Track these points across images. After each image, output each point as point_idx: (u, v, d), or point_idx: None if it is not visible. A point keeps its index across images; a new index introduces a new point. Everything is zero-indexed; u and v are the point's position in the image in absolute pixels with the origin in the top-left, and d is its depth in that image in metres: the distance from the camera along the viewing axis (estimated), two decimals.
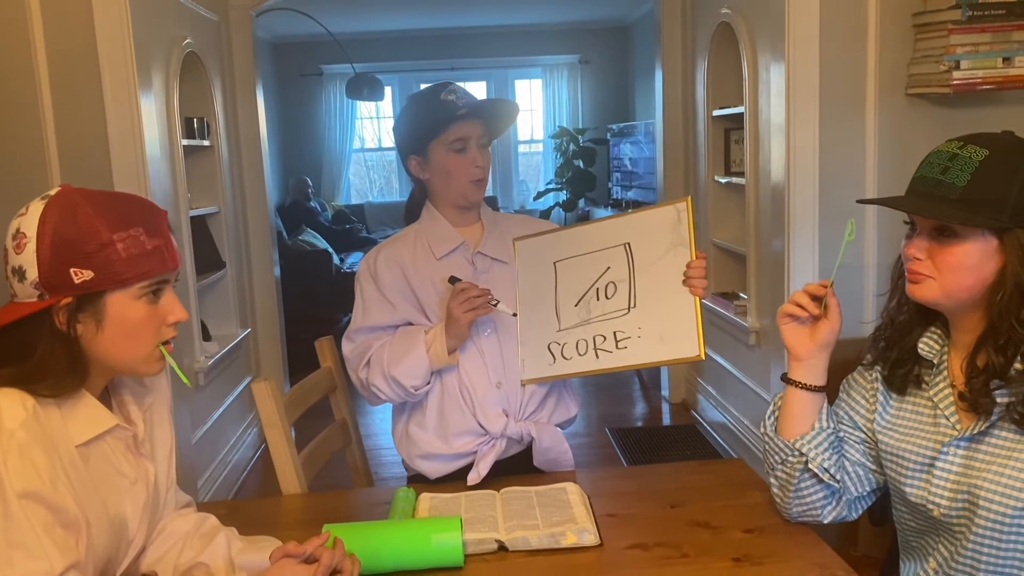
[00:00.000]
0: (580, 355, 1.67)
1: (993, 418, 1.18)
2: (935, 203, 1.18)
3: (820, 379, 1.36)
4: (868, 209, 2.80)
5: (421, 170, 1.78)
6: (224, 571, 1.25)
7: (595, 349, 1.66)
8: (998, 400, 1.17)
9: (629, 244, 1.66)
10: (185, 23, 3.40)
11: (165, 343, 1.19)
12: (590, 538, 1.35)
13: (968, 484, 1.19)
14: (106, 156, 2.70)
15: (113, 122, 2.71)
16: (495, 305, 1.65)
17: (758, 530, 1.38)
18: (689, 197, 1.65)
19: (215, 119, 3.73)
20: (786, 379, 1.38)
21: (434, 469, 1.74)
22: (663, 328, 1.59)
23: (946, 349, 1.28)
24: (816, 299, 1.33)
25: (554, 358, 1.69)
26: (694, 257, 1.58)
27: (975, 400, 1.19)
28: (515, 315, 1.71)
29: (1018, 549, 1.16)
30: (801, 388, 1.36)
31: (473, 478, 1.67)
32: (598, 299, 1.68)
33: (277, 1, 4.17)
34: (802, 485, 1.36)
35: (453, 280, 1.68)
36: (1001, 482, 1.16)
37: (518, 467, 1.75)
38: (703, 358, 1.54)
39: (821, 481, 1.35)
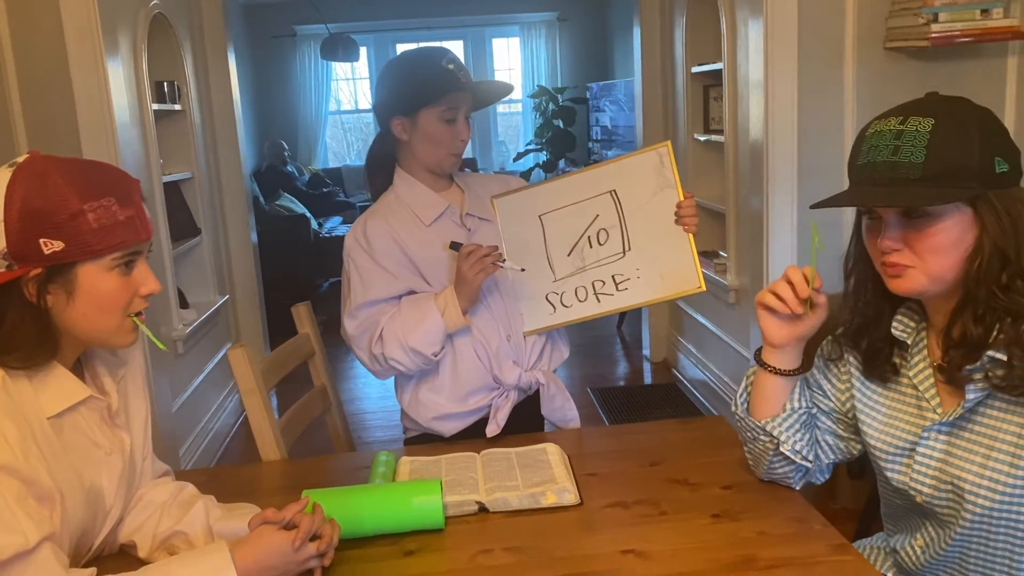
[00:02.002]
0: (580, 301, 1.72)
1: (976, 396, 1.12)
2: (900, 188, 1.08)
3: (792, 364, 1.30)
4: (843, 170, 2.79)
5: (403, 131, 1.74)
6: (203, 539, 1.24)
7: (595, 294, 1.70)
8: (977, 371, 1.10)
9: (615, 191, 1.69)
10: None
11: (137, 314, 1.17)
12: (570, 497, 1.35)
13: (952, 475, 1.15)
14: (73, 122, 2.64)
15: (80, 87, 2.64)
16: (503, 263, 1.65)
17: (736, 486, 1.39)
18: (669, 141, 1.68)
19: (186, 83, 3.66)
20: (759, 361, 1.32)
21: (450, 428, 1.77)
22: (662, 266, 1.66)
23: (923, 326, 1.22)
24: (799, 295, 1.23)
25: (554, 308, 1.74)
26: (683, 197, 1.64)
27: (953, 374, 1.13)
28: (523, 269, 1.72)
29: (1009, 541, 1.13)
30: (773, 372, 1.31)
31: (492, 430, 1.72)
32: (591, 246, 1.71)
33: None
34: (774, 462, 1.35)
35: (455, 245, 1.67)
36: (985, 474, 1.11)
37: (525, 415, 1.79)
38: (704, 289, 1.62)
39: (792, 461, 1.33)
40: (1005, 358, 1.07)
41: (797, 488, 1.38)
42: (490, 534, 1.29)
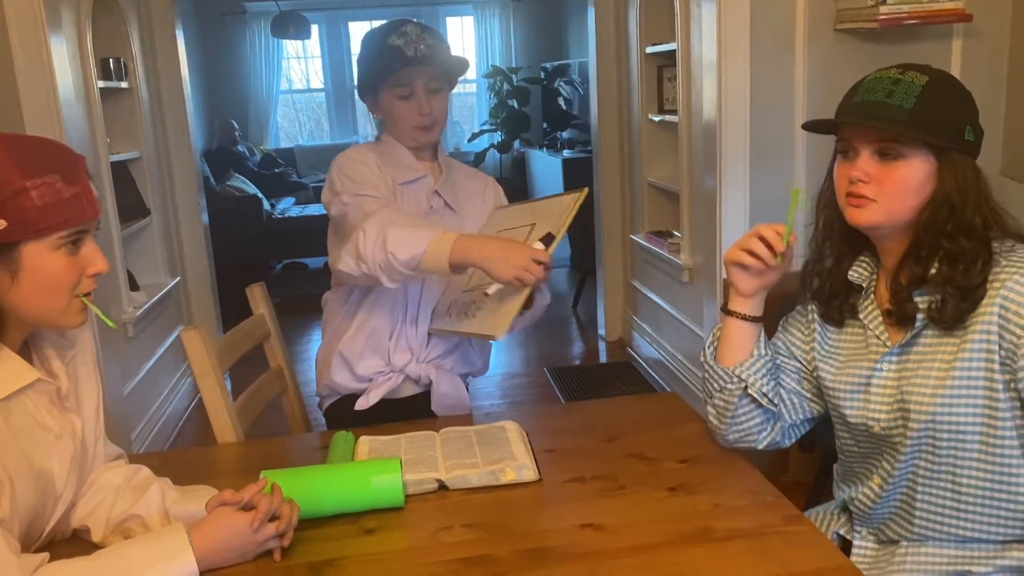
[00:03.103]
0: (452, 317, 1.73)
1: (918, 326, 1.23)
2: (887, 123, 1.19)
3: (759, 310, 1.39)
4: (798, 144, 2.84)
5: (375, 109, 1.79)
6: (159, 522, 1.23)
7: (462, 313, 1.70)
8: (918, 304, 1.22)
9: (534, 224, 1.66)
10: None
11: (86, 294, 1.14)
12: (529, 474, 1.37)
13: (901, 395, 1.24)
14: (15, 100, 2.56)
15: (21, 64, 2.56)
16: (487, 293, 1.58)
17: (692, 460, 1.42)
18: (587, 189, 1.65)
19: (133, 60, 3.57)
20: (726, 310, 1.40)
21: (340, 379, 1.80)
22: (499, 304, 1.58)
23: (875, 275, 1.33)
24: (770, 247, 1.31)
25: (449, 315, 1.75)
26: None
27: (899, 310, 1.24)
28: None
29: (952, 456, 1.21)
30: (740, 319, 1.39)
31: (361, 404, 1.76)
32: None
33: None
34: (739, 411, 1.40)
35: (547, 240, 1.52)
36: (928, 384, 1.21)
37: (415, 409, 1.79)
38: (497, 338, 1.55)
39: (759, 406, 1.39)
40: (940, 297, 1.19)
41: (761, 447, 1.42)
42: (450, 511, 1.30)
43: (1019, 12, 2.79)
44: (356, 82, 1.82)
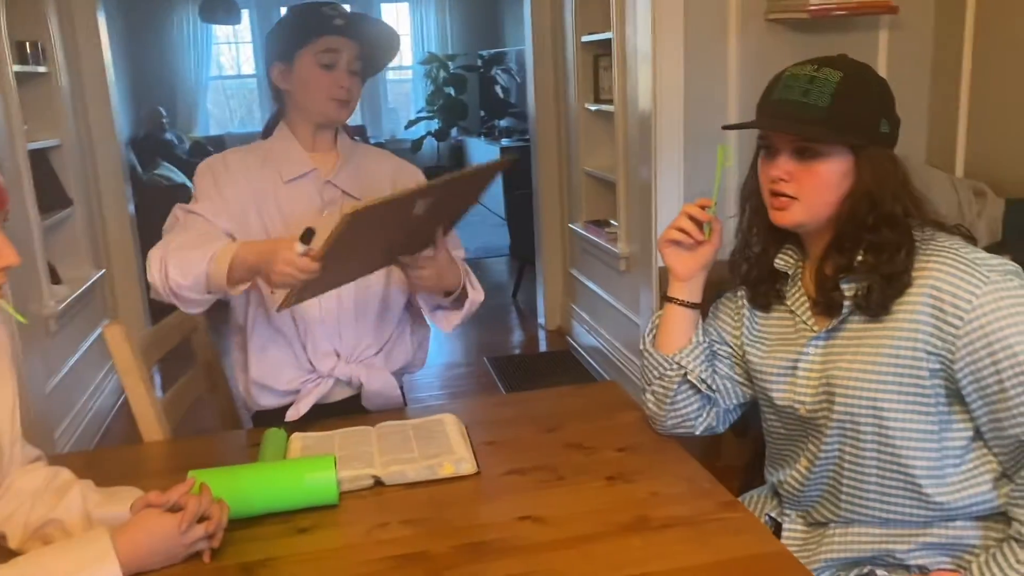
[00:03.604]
0: None
1: (844, 312, 1.25)
2: (803, 124, 1.22)
3: (698, 296, 1.42)
4: (731, 133, 2.87)
5: (283, 79, 1.68)
6: (80, 526, 1.17)
7: None
8: (845, 292, 1.25)
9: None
10: None
11: None
12: (467, 467, 1.35)
13: (827, 378, 1.27)
14: None
15: None
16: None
17: (629, 448, 1.42)
18: (511, 158, 1.61)
19: (51, 43, 3.42)
20: (666, 297, 1.42)
21: (263, 400, 1.71)
22: None
23: (801, 263, 1.36)
24: (698, 224, 1.36)
25: None
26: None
27: (826, 300, 1.27)
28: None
29: (878, 438, 1.24)
30: (680, 305, 1.41)
31: (292, 415, 1.66)
32: None
33: None
34: (679, 397, 1.42)
35: (306, 235, 1.35)
36: (853, 368, 1.24)
37: (347, 412, 1.70)
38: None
39: (698, 392, 1.41)
40: (866, 284, 1.22)
41: (697, 433, 1.44)
42: (386, 508, 1.27)
43: (942, 5, 2.87)
44: (266, 50, 1.71)
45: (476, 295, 1.72)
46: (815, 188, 1.24)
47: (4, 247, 1.08)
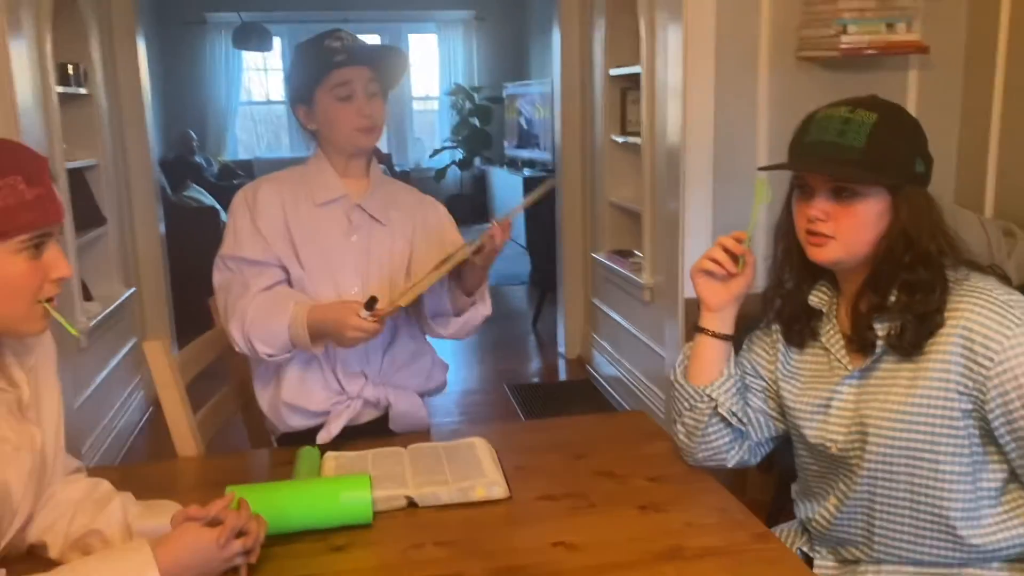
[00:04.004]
0: None
1: (878, 352, 1.26)
2: (839, 165, 1.22)
3: (730, 328, 1.41)
4: (760, 172, 2.89)
5: (309, 119, 1.73)
6: (120, 538, 1.19)
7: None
8: (878, 331, 1.25)
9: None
10: None
11: (48, 300, 1.11)
12: (499, 491, 1.36)
13: (859, 417, 1.27)
14: None
15: None
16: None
17: (661, 478, 1.42)
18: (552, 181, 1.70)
19: (92, 66, 3.51)
20: (698, 328, 1.42)
21: (292, 421, 1.73)
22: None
23: (835, 300, 1.36)
24: (732, 256, 1.36)
25: None
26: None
27: (860, 338, 1.27)
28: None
29: (910, 479, 1.24)
30: (712, 336, 1.40)
31: (323, 437, 1.68)
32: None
33: None
34: (710, 430, 1.41)
35: (371, 303, 1.52)
36: (886, 408, 1.24)
37: (374, 434, 1.73)
38: (401, 305, 1.54)
39: (728, 425, 1.41)
40: (899, 323, 1.22)
41: (730, 466, 1.44)
42: (420, 528, 1.28)
43: (973, 45, 2.89)
44: (287, 95, 1.77)
45: (484, 308, 1.76)
46: (852, 228, 1.24)
47: (59, 259, 1.11)
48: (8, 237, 1.05)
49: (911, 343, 1.21)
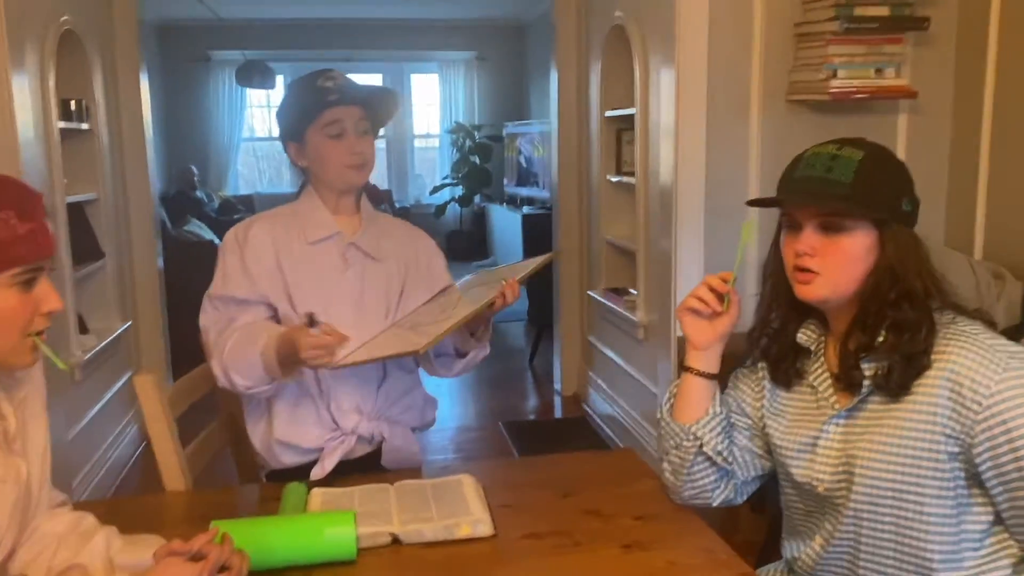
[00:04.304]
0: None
1: (865, 392, 1.26)
2: (826, 199, 1.24)
3: (715, 366, 1.42)
4: (752, 208, 2.92)
5: (299, 157, 1.75)
6: (103, 572, 1.19)
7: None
8: (865, 371, 1.26)
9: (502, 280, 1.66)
10: None
11: (38, 333, 1.12)
12: (484, 529, 1.36)
13: (846, 457, 1.27)
14: None
15: None
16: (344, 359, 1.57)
17: (647, 517, 1.43)
18: (554, 253, 1.72)
19: (95, 102, 3.56)
20: (684, 367, 1.43)
21: (285, 458, 1.73)
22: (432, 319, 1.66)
23: (823, 338, 1.37)
24: (718, 295, 1.38)
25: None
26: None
27: (847, 377, 1.28)
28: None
29: (895, 520, 1.24)
30: (697, 375, 1.41)
31: (317, 473, 1.67)
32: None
33: None
34: (695, 468, 1.41)
35: (312, 320, 1.59)
36: (873, 448, 1.24)
37: (365, 468, 1.73)
38: (418, 352, 1.54)
39: (713, 464, 1.41)
40: (887, 365, 1.23)
41: (715, 504, 1.44)
42: (403, 566, 1.28)
43: (961, 90, 2.94)
44: (280, 133, 1.79)
45: (484, 350, 1.77)
46: (839, 263, 1.25)
47: (49, 293, 1.13)
48: (0, 271, 1.06)
49: (898, 384, 1.22)
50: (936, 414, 1.19)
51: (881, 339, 1.24)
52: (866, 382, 1.26)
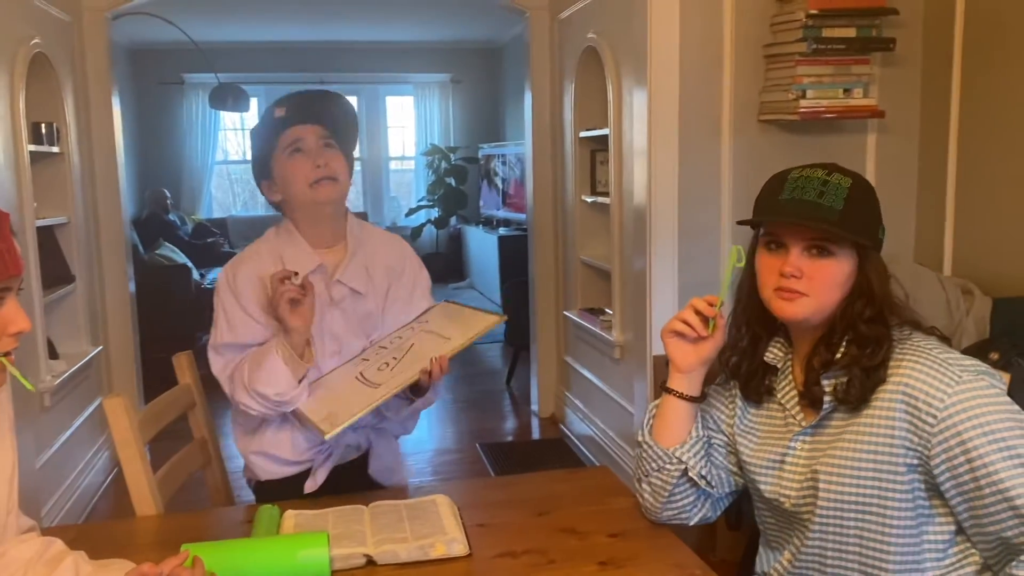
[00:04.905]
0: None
1: (827, 408, 1.28)
2: (821, 224, 1.26)
3: (697, 390, 1.41)
4: (724, 228, 2.95)
5: (272, 191, 1.73)
6: None
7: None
8: (825, 386, 1.28)
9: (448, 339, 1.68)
10: (33, 22, 3.20)
11: (6, 354, 1.11)
12: (459, 548, 1.35)
13: (811, 472, 1.29)
14: None
15: None
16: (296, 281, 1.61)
17: (621, 534, 1.43)
18: (505, 317, 1.75)
19: (66, 125, 3.53)
20: (665, 388, 1.42)
21: (269, 470, 1.73)
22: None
23: (790, 356, 1.38)
24: (703, 318, 1.37)
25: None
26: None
27: (810, 393, 1.30)
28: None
29: (859, 532, 1.25)
30: (679, 398, 1.41)
31: (310, 486, 1.69)
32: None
33: (135, 5, 3.99)
34: (676, 491, 1.42)
35: (288, 277, 1.61)
36: (835, 463, 1.26)
37: (353, 474, 1.76)
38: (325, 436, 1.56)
39: (695, 486, 1.41)
40: (845, 378, 1.26)
41: (691, 524, 1.44)
42: None
43: (927, 110, 2.99)
44: (253, 174, 1.78)
45: (433, 395, 1.75)
46: (824, 285, 1.27)
47: (17, 313, 1.12)
48: None
49: (856, 396, 1.24)
50: (894, 428, 1.21)
51: (840, 353, 1.27)
52: (827, 397, 1.28)
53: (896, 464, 1.22)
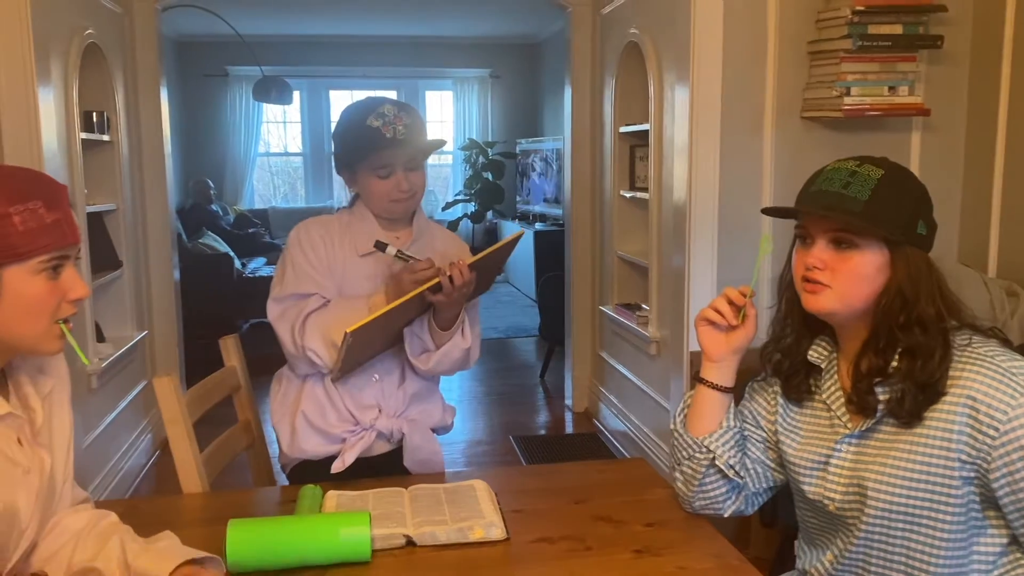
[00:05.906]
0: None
1: (878, 415, 1.26)
2: (840, 214, 1.24)
3: (730, 380, 1.42)
4: (764, 224, 2.94)
5: (350, 184, 1.81)
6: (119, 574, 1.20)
7: None
8: (880, 397, 1.25)
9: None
10: (87, 13, 3.28)
11: (65, 321, 1.15)
12: (497, 532, 1.37)
13: (858, 478, 1.27)
14: None
15: (8, 112, 2.60)
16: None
17: (658, 524, 1.44)
18: (522, 232, 1.80)
19: (116, 114, 3.61)
20: (698, 378, 1.43)
21: (306, 442, 1.77)
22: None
23: (835, 356, 1.37)
24: (735, 308, 1.38)
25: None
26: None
27: (860, 401, 1.28)
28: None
29: (907, 541, 1.24)
30: (711, 388, 1.42)
31: (337, 466, 1.74)
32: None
33: None
34: (706, 480, 1.42)
35: (380, 245, 1.69)
36: (885, 472, 1.24)
37: (388, 468, 1.79)
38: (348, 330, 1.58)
39: (725, 476, 1.42)
40: (900, 391, 1.23)
41: (726, 515, 1.45)
42: (417, 568, 1.30)
43: (974, 107, 2.95)
44: (334, 156, 1.85)
45: (463, 341, 1.79)
46: (848, 278, 1.25)
47: (75, 280, 1.16)
48: (28, 258, 1.10)
49: (910, 412, 1.22)
50: (952, 439, 1.19)
51: (895, 364, 1.24)
52: (880, 406, 1.25)
53: (951, 477, 1.20)
